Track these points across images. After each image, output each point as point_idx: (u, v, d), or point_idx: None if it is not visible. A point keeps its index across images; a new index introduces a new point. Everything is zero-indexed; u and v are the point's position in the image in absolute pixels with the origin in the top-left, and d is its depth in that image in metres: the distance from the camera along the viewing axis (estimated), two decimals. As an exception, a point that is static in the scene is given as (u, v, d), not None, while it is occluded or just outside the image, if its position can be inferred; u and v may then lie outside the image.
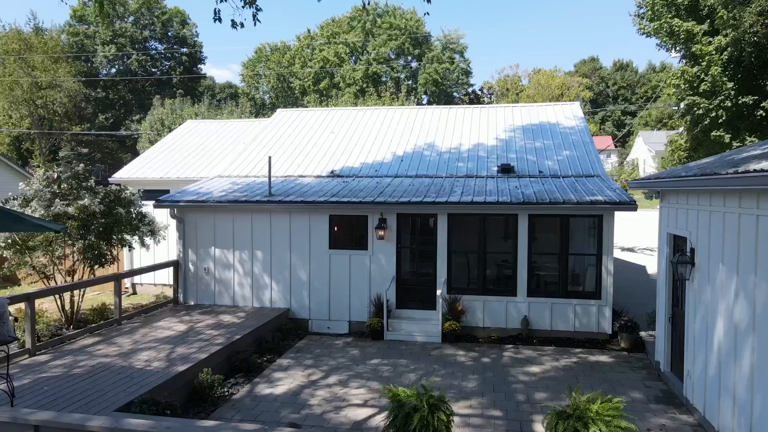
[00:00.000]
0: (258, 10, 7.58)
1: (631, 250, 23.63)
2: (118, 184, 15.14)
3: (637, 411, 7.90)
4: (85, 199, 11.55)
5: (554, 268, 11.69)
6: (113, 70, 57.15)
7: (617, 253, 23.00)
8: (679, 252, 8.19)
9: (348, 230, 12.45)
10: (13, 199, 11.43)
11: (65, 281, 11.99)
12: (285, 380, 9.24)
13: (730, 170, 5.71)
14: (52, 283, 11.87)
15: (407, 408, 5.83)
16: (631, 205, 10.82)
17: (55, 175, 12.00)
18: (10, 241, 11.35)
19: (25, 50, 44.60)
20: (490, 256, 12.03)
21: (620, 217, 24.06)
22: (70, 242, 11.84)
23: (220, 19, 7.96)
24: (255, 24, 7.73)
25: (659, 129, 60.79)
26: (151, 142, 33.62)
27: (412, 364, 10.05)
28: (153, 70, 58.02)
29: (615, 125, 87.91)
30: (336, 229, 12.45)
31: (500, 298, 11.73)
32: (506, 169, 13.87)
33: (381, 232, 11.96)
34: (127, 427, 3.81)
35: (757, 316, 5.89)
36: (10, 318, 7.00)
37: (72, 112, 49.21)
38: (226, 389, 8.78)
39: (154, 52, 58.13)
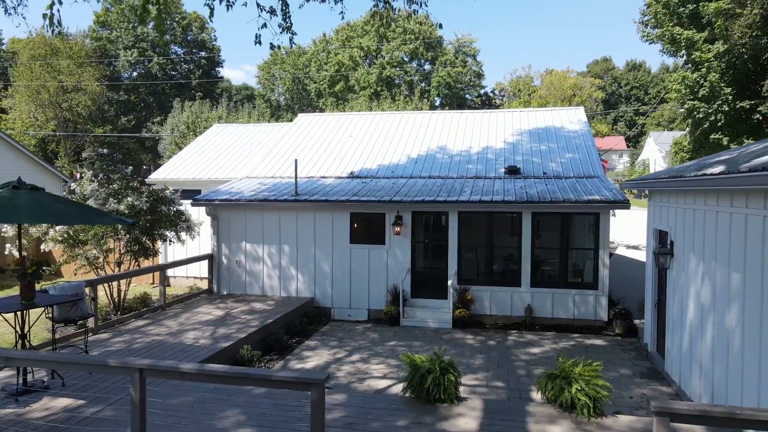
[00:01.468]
0: (294, 34, 8.82)
1: (635, 248, 24.60)
2: (153, 184, 16.52)
3: (624, 384, 9.03)
4: (130, 198, 12.88)
5: (555, 261, 12.81)
6: (134, 74, 58.97)
7: (623, 251, 24.03)
8: (660, 244, 9.30)
9: (367, 226, 13.66)
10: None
11: (113, 272, 13.32)
12: (313, 358, 10.48)
13: (691, 174, 6.83)
14: (102, 273, 13.20)
15: (422, 371, 7.02)
16: (624, 204, 11.92)
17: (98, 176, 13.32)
18: (66, 235, 12.73)
19: (51, 55, 46.27)
20: (497, 251, 13.18)
21: (626, 217, 25.17)
22: (117, 237, 13.18)
23: (260, 42, 9.18)
24: (291, 47, 8.97)
25: (671, 129, 61.31)
26: (177, 145, 35.10)
27: (425, 345, 11.23)
28: (172, 73, 59.82)
29: (627, 125, 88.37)
30: (356, 225, 13.67)
31: (506, 289, 12.87)
32: (512, 171, 15.00)
33: (397, 229, 13.15)
34: (209, 369, 5.04)
35: (716, 297, 7.00)
36: (87, 297, 8.30)
37: (95, 114, 51.05)
38: (263, 364, 10.03)
39: (173, 55, 59.87)
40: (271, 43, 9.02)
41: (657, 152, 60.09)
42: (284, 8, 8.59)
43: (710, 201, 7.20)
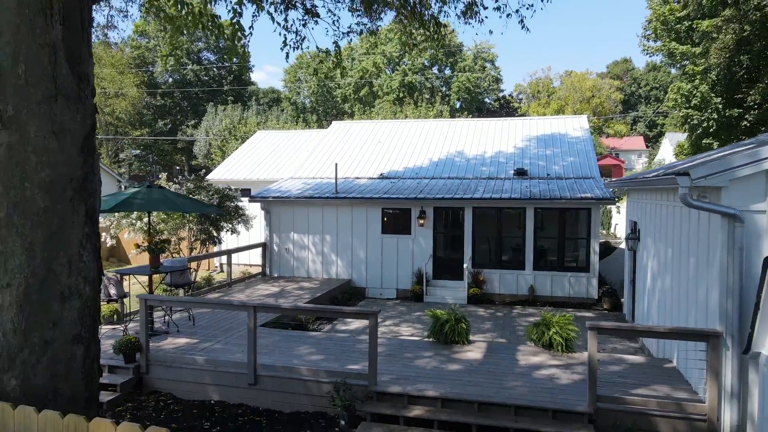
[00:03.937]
0: (344, 68, 11.40)
1: (638, 242, 26.78)
2: (211, 183, 19.33)
3: (601, 342, 11.45)
4: (199, 195, 15.67)
5: (554, 249, 15.26)
6: (170, 80, 62.48)
7: (625, 245, 26.21)
8: (631, 231, 11.73)
9: (395, 219, 16.26)
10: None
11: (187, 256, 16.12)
12: (354, 322, 13.07)
13: (640, 176, 9.27)
14: (177, 257, 16.00)
15: (442, 320, 9.60)
16: (610, 201, 14.34)
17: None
18: (147, 226, 15.55)
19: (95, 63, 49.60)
20: (505, 240, 15.68)
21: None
22: (189, 227, 15.98)
23: (316, 72, 11.87)
24: (342, 77, 11.55)
25: (685, 131, 62.67)
26: (220, 148, 38.13)
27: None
28: (205, 78, 63.17)
29: (647, 126, 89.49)
30: (386, 218, 16.28)
31: (512, 271, 15.36)
32: (520, 172, 17.45)
33: (421, 221, 15.72)
34: (301, 306, 7.66)
35: (660, 268, 9.45)
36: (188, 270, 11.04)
37: (135, 118, 54.59)
38: (316, 326, 12.69)
39: (206, 62, 63.23)
40: (324, 74, 11.66)
41: (672, 153, 61.57)
42: (336, 49, 11.19)
43: (658, 197, 9.64)
